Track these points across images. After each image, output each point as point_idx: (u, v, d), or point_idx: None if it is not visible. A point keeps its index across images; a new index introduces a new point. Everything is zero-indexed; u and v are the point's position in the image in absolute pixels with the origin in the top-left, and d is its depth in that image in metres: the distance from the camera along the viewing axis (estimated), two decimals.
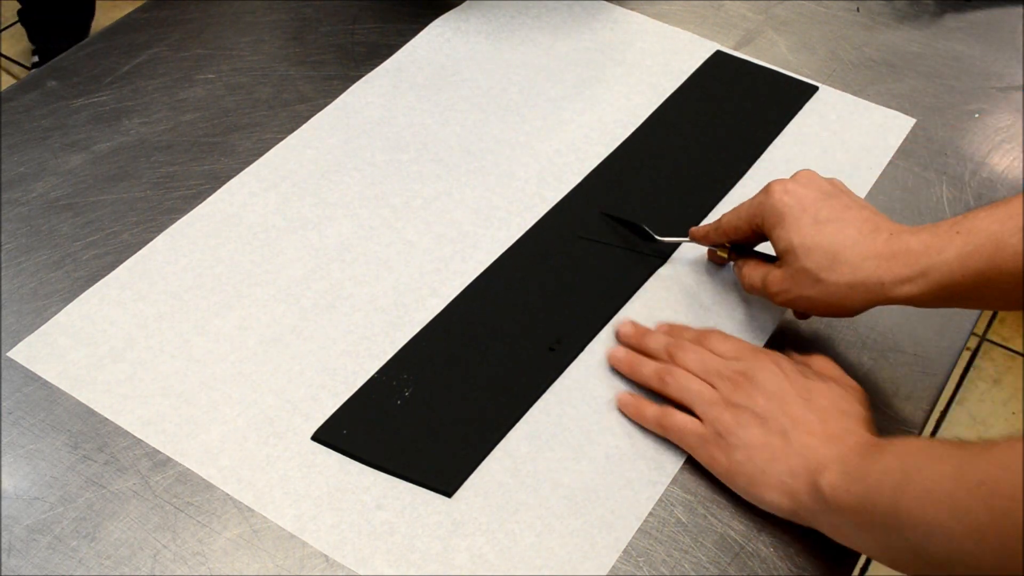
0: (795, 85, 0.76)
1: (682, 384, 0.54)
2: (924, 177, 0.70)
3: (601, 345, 0.60)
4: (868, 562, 1.28)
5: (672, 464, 0.54)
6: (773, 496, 0.50)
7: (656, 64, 0.78)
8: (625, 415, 0.56)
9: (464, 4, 0.83)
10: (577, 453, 0.55)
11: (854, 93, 0.76)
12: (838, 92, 0.76)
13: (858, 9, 0.84)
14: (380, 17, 0.81)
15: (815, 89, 0.76)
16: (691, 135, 0.73)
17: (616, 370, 0.58)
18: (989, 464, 0.40)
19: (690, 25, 0.81)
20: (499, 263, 0.64)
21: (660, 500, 0.53)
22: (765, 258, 0.59)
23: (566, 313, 0.61)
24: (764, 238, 0.58)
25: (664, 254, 0.64)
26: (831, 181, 0.57)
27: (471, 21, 0.81)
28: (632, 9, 0.82)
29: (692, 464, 0.54)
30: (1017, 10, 0.83)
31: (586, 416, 0.56)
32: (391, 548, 0.51)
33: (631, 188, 0.69)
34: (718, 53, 0.79)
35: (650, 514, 0.52)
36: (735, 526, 0.52)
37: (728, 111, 0.74)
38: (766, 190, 0.57)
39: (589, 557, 0.51)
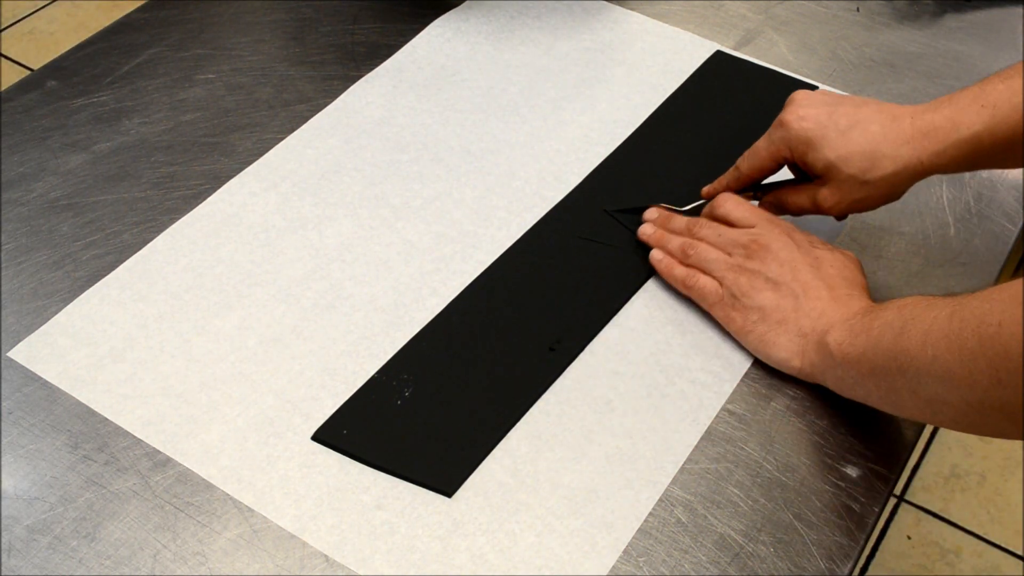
0: (795, 85, 0.76)
1: (702, 255, 0.60)
2: None
3: (602, 345, 0.60)
4: (868, 562, 1.28)
5: (672, 464, 0.54)
6: (783, 354, 0.56)
7: (656, 64, 0.78)
8: (657, 272, 0.62)
9: (464, 4, 0.83)
10: (577, 453, 0.55)
11: (854, 93, 0.76)
12: (838, 92, 0.76)
13: (858, 9, 0.84)
14: (380, 17, 0.81)
15: (815, 89, 0.76)
16: (691, 135, 0.73)
17: (651, 265, 0.62)
18: (980, 300, 0.44)
19: (690, 25, 0.81)
20: (499, 263, 0.64)
21: (660, 500, 0.53)
22: (786, 184, 0.62)
23: (566, 313, 0.61)
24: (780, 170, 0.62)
25: None
26: (821, 93, 0.61)
27: (471, 21, 0.81)
28: (632, 9, 0.82)
29: (692, 465, 0.54)
30: (1017, 10, 0.83)
31: (586, 416, 0.56)
32: (391, 548, 0.51)
33: (631, 188, 0.69)
34: (718, 53, 0.79)
35: (650, 514, 0.52)
36: (735, 526, 0.52)
37: (728, 111, 0.74)
38: (781, 124, 0.60)
39: (589, 557, 0.51)
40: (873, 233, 0.66)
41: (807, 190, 0.60)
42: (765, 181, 0.64)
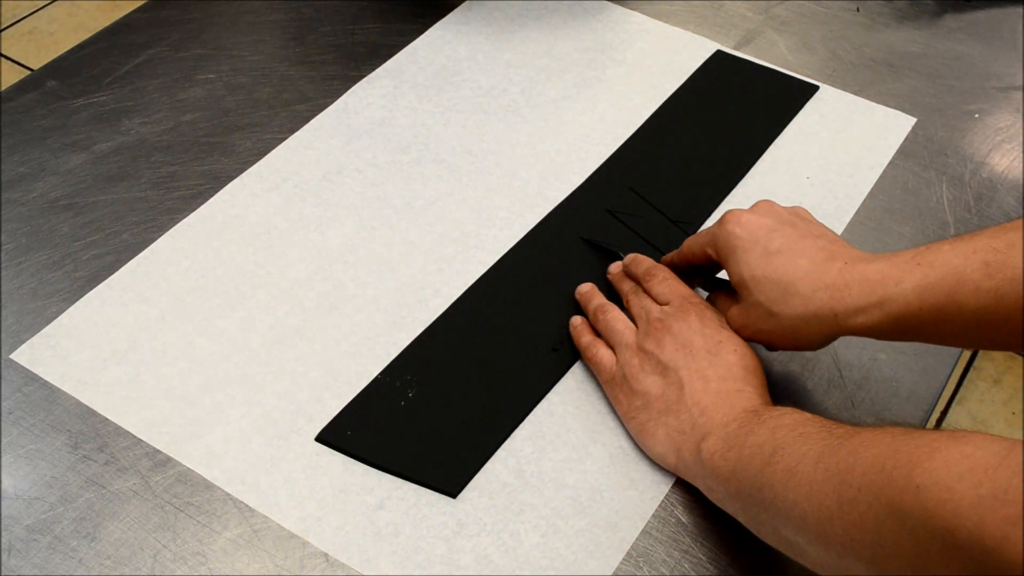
0: (795, 85, 0.76)
1: (609, 324, 0.57)
2: (924, 177, 0.70)
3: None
4: None
5: None
6: (659, 448, 0.52)
7: (657, 64, 0.78)
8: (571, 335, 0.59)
9: (464, 5, 0.83)
10: (581, 454, 0.55)
11: (854, 93, 0.76)
12: (839, 92, 0.76)
13: (858, 9, 0.84)
14: (380, 17, 0.81)
15: (815, 89, 0.76)
16: (692, 135, 0.73)
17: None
18: (848, 453, 0.40)
19: (690, 25, 0.81)
20: (501, 263, 0.64)
21: (661, 500, 0.53)
22: (720, 286, 0.58)
23: (569, 313, 0.61)
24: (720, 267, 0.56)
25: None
26: (793, 210, 0.55)
27: (472, 22, 0.81)
28: (632, 9, 0.82)
29: None
30: (1017, 10, 0.83)
31: (590, 416, 0.56)
32: (396, 549, 0.51)
33: (633, 188, 0.69)
34: (718, 53, 0.79)
35: (651, 514, 0.52)
36: (735, 526, 0.52)
37: (729, 111, 0.74)
38: (720, 220, 0.55)
39: (594, 557, 0.51)
40: (873, 233, 0.67)
41: (727, 302, 0.55)
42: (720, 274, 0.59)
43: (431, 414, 0.56)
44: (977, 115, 0.75)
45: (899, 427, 0.40)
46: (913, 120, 0.74)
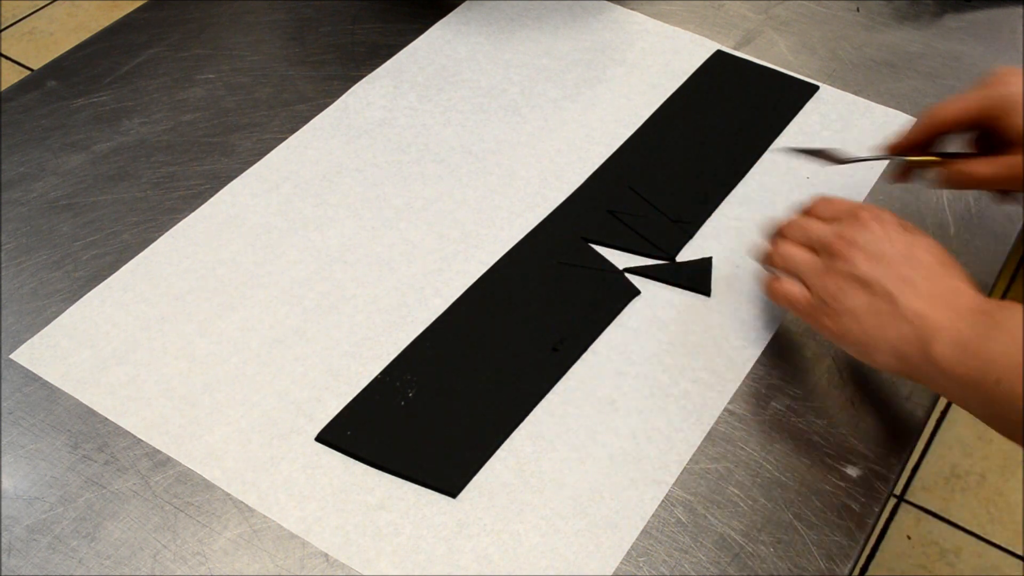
0: (796, 85, 0.76)
1: (786, 255, 0.55)
2: (924, 177, 0.70)
3: (604, 345, 0.60)
4: (868, 562, 1.28)
5: (676, 464, 0.54)
6: (885, 359, 0.51)
7: (657, 64, 0.78)
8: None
9: (464, 5, 0.83)
10: (581, 453, 0.55)
11: (854, 93, 0.76)
12: (839, 91, 0.76)
13: (858, 9, 0.84)
14: (380, 17, 0.81)
15: (816, 88, 0.76)
16: (692, 135, 0.73)
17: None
18: None
19: (690, 25, 0.81)
20: (502, 263, 0.64)
21: (661, 500, 0.53)
22: (970, 154, 0.57)
23: (569, 313, 0.61)
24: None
25: (669, 255, 0.64)
26: None
27: (472, 22, 0.81)
28: (632, 9, 0.82)
29: (692, 464, 0.54)
30: (1017, 10, 0.83)
31: (590, 416, 0.56)
32: (396, 549, 0.51)
33: (633, 188, 0.69)
34: (718, 53, 0.79)
35: (651, 514, 0.52)
36: (735, 526, 0.52)
37: (729, 111, 0.74)
38: (985, 84, 0.55)
39: (594, 557, 0.51)
40: None
41: (995, 161, 0.55)
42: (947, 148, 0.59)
43: (431, 414, 0.56)
44: None
45: None
46: (913, 120, 0.74)
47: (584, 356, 0.59)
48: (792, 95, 0.76)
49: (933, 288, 0.50)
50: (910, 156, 0.60)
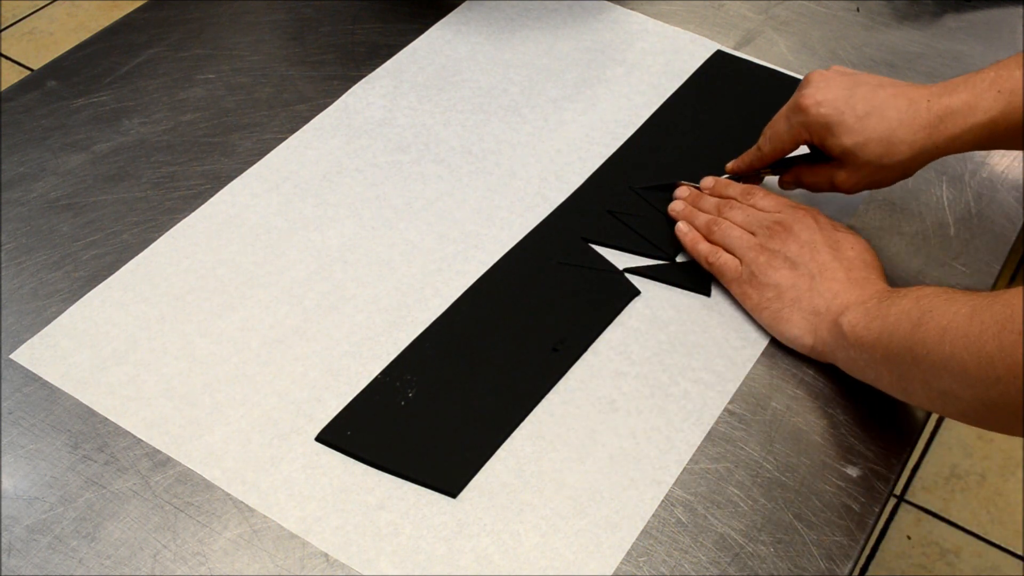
0: (796, 84, 0.76)
1: (726, 232, 0.62)
2: (924, 177, 0.70)
3: (605, 345, 0.60)
4: (868, 562, 1.28)
5: (676, 464, 0.54)
6: (795, 331, 0.57)
7: (657, 64, 0.78)
8: (683, 244, 0.63)
9: (464, 5, 0.83)
10: (581, 454, 0.55)
11: None
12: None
13: (858, 9, 0.84)
14: (380, 17, 0.81)
15: None
16: (692, 134, 0.73)
17: (675, 229, 0.64)
18: (1002, 306, 0.45)
19: (690, 25, 0.81)
20: (501, 263, 0.64)
21: (661, 500, 0.53)
22: (804, 163, 0.63)
23: (569, 314, 0.61)
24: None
25: (669, 255, 0.64)
26: (837, 72, 0.61)
27: (471, 22, 0.81)
28: (632, 9, 0.82)
29: (692, 465, 0.54)
30: (1017, 10, 0.83)
31: (590, 416, 0.56)
32: (396, 549, 0.51)
33: (633, 188, 0.68)
34: (719, 53, 0.79)
35: (650, 514, 0.52)
36: (735, 526, 0.52)
37: (729, 111, 0.74)
38: (799, 108, 0.61)
39: (594, 557, 0.51)
40: (873, 233, 0.67)
41: (825, 171, 0.62)
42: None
43: (431, 414, 0.56)
44: None
45: None
46: None
47: (584, 356, 0.59)
48: (792, 95, 0.75)
49: (849, 276, 0.57)
50: (745, 174, 0.67)
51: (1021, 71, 0.56)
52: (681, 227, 0.64)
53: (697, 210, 0.64)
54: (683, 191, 0.66)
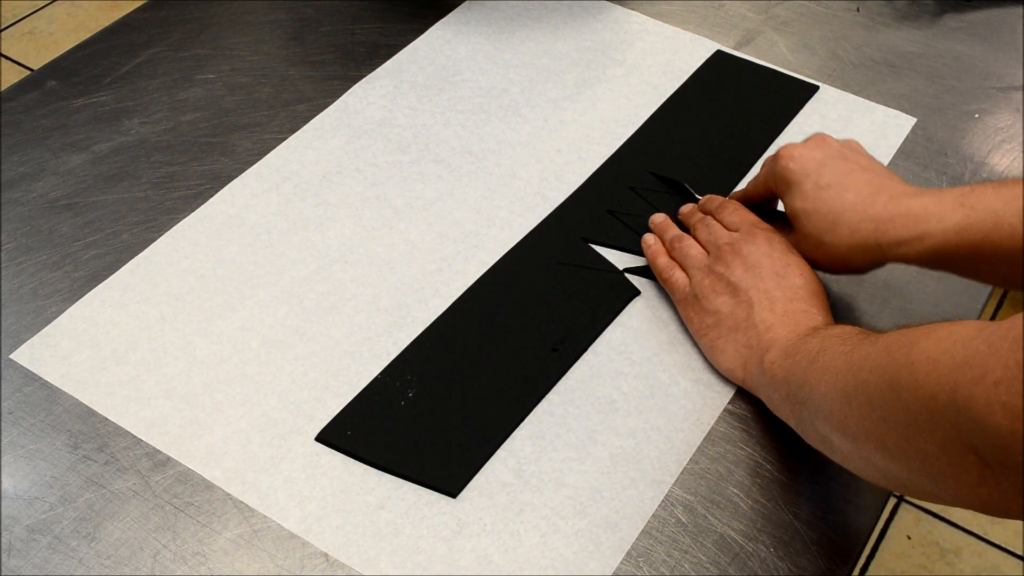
0: (796, 85, 0.76)
1: (684, 250, 0.60)
2: (924, 177, 0.70)
3: (605, 345, 0.60)
4: (868, 562, 1.28)
5: (676, 464, 0.54)
6: (728, 364, 0.56)
7: (657, 64, 0.78)
8: (646, 256, 0.63)
9: (464, 5, 0.83)
10: (581, 454, 0.55)
11: (854, 93, 0.76)
12: (839, 91, 0.76)
13: (858, 9, 0.84)
14: (380, 17, 0.81)
15: (816, 88, 0.76)
16: (692, 135, 0.73)
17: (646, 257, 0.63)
18: (869, 344, 0.44)
19: (690, 25, 0.81)
20: (501, 263, 0.64)
21: (661, 500, 0.53)
22: (777, 217, 0.62)
23: (569, 313, 0.61)
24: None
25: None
26: (845, 143, 0.59)
27: (471, 22, 0.81)
28: (632, 9, 0.82)
29: (692, 465, 0.54)
30: (1017, 10, 0.84)
31: (590, 416, 0.56)
32: (396, 549, 0.51)
33: (633, 188, 0.68)
34: (718, 53, 0.79)
35: (651, 514, 0.52)
36: (735, 526, 0.52)
37: (729, 111, 0.74)
38: (776, 155, 0.59)
39: (594, 557, 0.51)
40: None
41: (786, 230, 0.60)
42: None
43: (431, 414, 0.56)
44: (977, 115, 0.75)
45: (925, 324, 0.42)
46: (913, 120, 0.74)
47: (584, 356, 0.59)
48: (792, 95, 0.76)
49: (788, 307, 0.55)
50: None
51: (993, 189, 0.51)
52: (647, 238, 0.63)
53: (672, 223, 0.64)
54: (705, 199, 0.65)
